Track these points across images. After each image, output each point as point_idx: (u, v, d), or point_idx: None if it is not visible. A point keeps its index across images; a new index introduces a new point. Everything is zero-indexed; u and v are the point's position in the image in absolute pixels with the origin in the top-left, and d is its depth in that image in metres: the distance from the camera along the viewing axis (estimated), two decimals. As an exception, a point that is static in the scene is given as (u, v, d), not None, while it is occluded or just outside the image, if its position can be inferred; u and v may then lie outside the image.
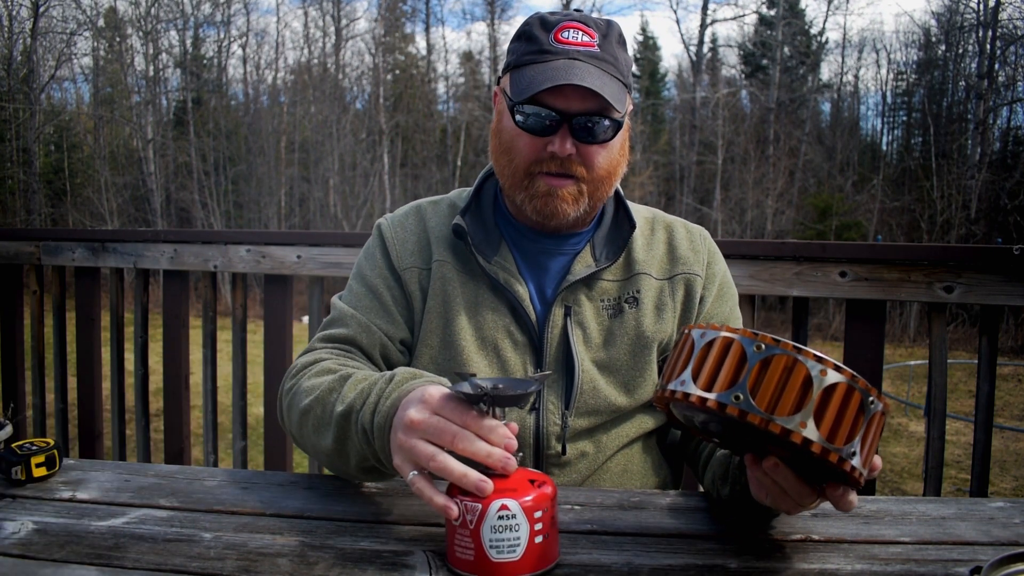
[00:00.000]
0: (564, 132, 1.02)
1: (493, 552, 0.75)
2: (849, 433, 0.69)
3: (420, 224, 1.18)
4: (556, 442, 1.09)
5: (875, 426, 0.71)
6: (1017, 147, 19.24)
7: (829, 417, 0.68)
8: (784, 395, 0.68)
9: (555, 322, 1.10)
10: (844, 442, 0.68)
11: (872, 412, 0.70)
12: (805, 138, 21.10)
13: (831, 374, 0.68)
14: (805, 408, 0.68)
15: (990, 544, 0.86)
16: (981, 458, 1.86)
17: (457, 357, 1.09)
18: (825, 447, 0.68)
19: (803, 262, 1.93)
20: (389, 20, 23.84)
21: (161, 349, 2.57)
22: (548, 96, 1.01)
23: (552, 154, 1.03)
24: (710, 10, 23.86)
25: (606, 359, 1.11)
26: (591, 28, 1.05)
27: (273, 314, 2.43)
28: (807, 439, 0.67)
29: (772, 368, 0.68)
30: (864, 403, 0.69)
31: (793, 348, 0.69)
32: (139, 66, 21.56)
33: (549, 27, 1.05)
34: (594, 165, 1.05)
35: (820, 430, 0.68)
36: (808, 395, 0.68)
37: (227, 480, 1.05)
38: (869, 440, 0.71)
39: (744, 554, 0.83)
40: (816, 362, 0.68)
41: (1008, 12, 18.94)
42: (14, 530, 0.87)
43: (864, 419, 0.69)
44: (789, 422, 0.67)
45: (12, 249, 2.70)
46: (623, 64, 1.06)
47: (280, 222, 20.96)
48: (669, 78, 25.46)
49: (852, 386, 0.68)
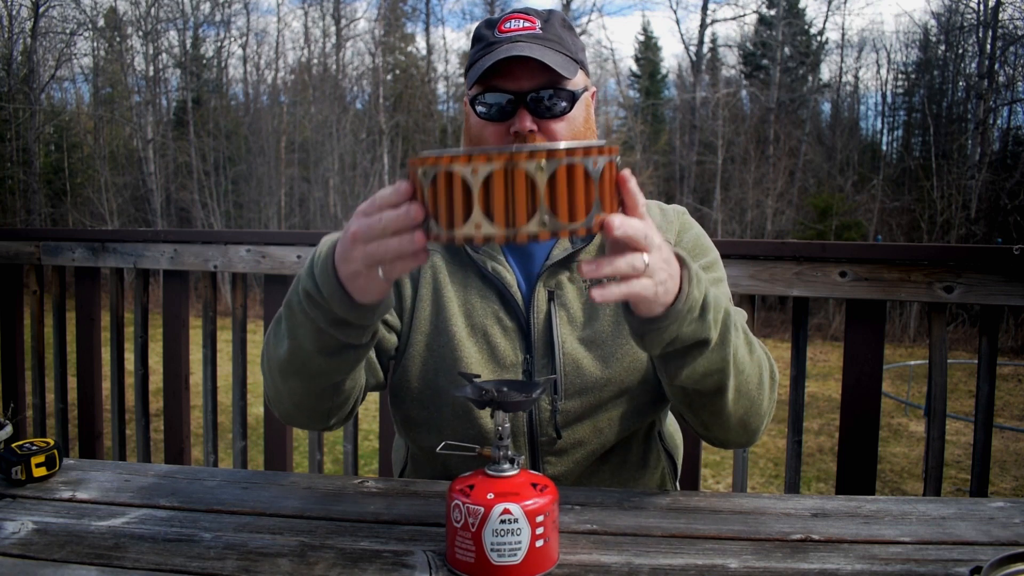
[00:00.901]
0: (522, 112, 1.06)
1: (494, 555, 0.75)
2: (587, 203, 0.70)
3: None
4: (550, 427, 1.10)
5: (607, 178, 0.72)
6: (1017, 147, 19.23)
7: (563, 201, 0.69)
8: (517, 204, 0.68)
9: (539, 306, 1.11)
10: (586, 213, 0.70)
11: (599, 173, 0.70)
12: (805, 138, 21.10)
13: (547, 164, 0.68)
14: (540, 206, 0.68)
15: (990, 544, 0.86)
16: (981, 458, 1.86)
17: (449, 343, 1.11)
18: (569, 228, 0.69)
19: (803, 262, 1.92)
20: (389, 20, 23.84)
21: (161, 349, 2.57)
22: (500, 81, 1.06)
23: (516, 134, 1.06)
24: (710, 10, 23.89)
25: (591, 335, 1.11)
26: (532, 16, 1.11)
27: (273, 314, 2.42)
28: (550, 231, 0.68)
29: (495, 182, 0.68)
30: (587, 170, 0.70)
31: (508, 157, 0.68)
32: (139, 66, 21.58)
33: (493, 24, 1.12)
34: (557, 139, 1.07)
35: (559, 218, 0.68)
36: (537, 192, 0.68)
37: (227, 480, 1.06)
38: (607, 195, 0.72)
39: (744, 554, 0.83)
40: (529, 159, 0.68)
41: (1008, 12, 18.95)
42: (14, 530, 0.87)
43: (594, 181, 0.70)
44: (529, 228, 0.68)
45: (12, 249, 2.70)
46: (568, 43, 1.10)
47: (280, 222, 20.95)
48: (669, 78, 25.47)
49: (571, 164, 0.69)
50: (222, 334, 2.61)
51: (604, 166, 0.71)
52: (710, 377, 0.92)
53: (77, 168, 21.70)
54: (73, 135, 22.33)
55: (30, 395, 2.80)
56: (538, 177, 0.67)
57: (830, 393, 9.04)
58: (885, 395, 7.81)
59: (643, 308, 0.81)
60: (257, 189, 20.94)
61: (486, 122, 1.09)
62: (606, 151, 0.71)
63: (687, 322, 0.84)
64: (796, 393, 2.01)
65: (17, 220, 19.28)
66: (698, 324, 0.85)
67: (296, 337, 0.92)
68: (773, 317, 15.00)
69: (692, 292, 0.83)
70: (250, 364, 2.56)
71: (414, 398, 1.13)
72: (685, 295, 0.82)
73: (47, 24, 19.93)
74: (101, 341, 2.71)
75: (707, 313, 0.86)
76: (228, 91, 23.37)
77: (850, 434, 1.92)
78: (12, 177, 19.62)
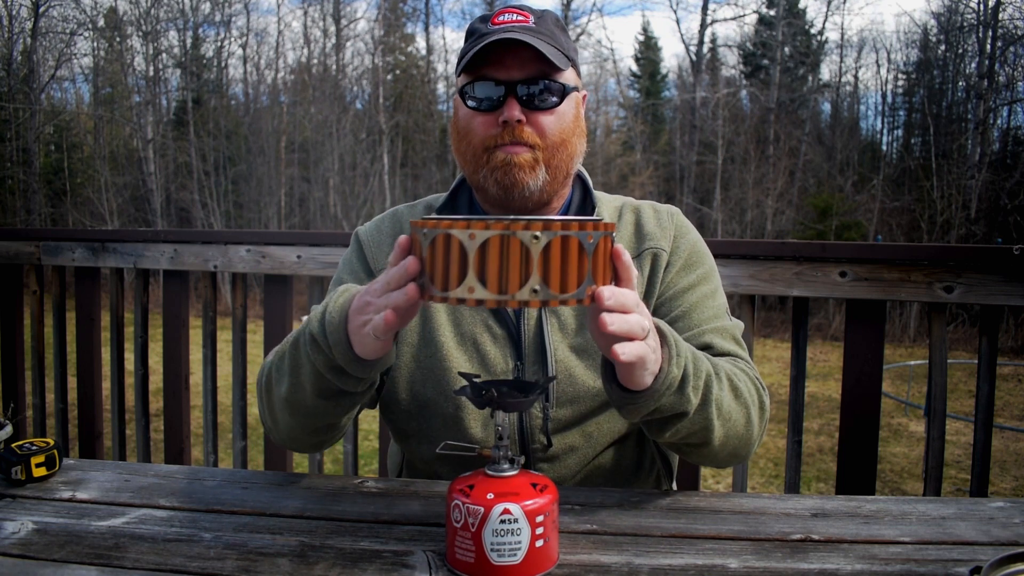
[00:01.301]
0: (511, 101, 1.06)
1: (494, 555, 0.75)
2: (579, 275, 0.71)
3: (396, 227, 1.21)
4: (541, 435, 1.09)
5: (601, 252, 0.73)
6: (1017, 147, 19.22)
7: (555, 272, 0.70)
8: (510, 272, 0.69)
9: (530, 313, 1.11)
10: (578, 285, 0.71)
11: (593, 247, 0.72)
12: (805, 138, 21.09)
13: (542, 235, 0.70)
14: (533, 275, 0.70)
15: (990, 544, 0.86)
16: (981, 458, 1.86)
17: (437, 353, 1.10)
18: (560, 299, 0.71)
19: (803, 262, 1.93)
20: (389, 20, 23.83)
21: (161, 349, 2.57)
22: (490, 70, 1.06)
23: (504, 123, 1.05)
24: (710, 10, 23.87)
25: (582, 343, 1.11)
26: (526, 11, 1.11)
27: (273, 314, 2.43)
28: (541, 301, 0.70)
29: (490, 249, 0.69)
30: (582, 243, 0.71)
31: (505, 226, 0.69)
32: (139, 66, 21.57)
33: (487, 19, 1.12)
34: (545, 132, 1.07)
35: (551, 288, 0.70)
36: (531, 261, 0.69)
37: (227, 480, 1.05)
38: (600, 269, 0.73)
39: (744, 554, 0.83)
40: (525, 229, 0.69)
41: (1008, 12, 18.94)
42: (14, 530, 0.87)
43: (588, 255, 0.72)
44: (520, 295, 0.70)
45: (12, 249, 2.70)
46: (561, 40, 1.10)
47: (280, 222, 20.95)
48: (669, 78, 25.46)
49: (566, 236, 0.70)
50: (222, 334, 2.61)
51: (599, 240, 0.72)
52: (694, 435, 0.94)
53: (77, 168, 21.69)
54: (73, 135, 22.32)
55: (30, 395, 2.80)
56: (533, 247, 0.69)
57: (830, 393, 9.04)
58: (885, 395, 7.81)
59: (636, 375, 0.82)
60: (257, 189, 20.94)
61: (475, 112, 1.08)
62: (601, 227, 0.72)
63: (665, 396, 0.86)
64: (796, 393, 2.01)
65: (17, 220, 19.27)
66: (676, 397, 0.88)
67: (297, 376, 0.94)
68: (773, 317, 15.00)
69: (671, 371, 0.85)
70: (250, 364, 2.56)
71: (403, 410, 1.13)
72: (664, 374, 0.85)
73: (47, 24, 19.93)
74: (101, 341, 2.71)
75: (686, 386, 0.88)
76: (228, 91, 23.38)
77: (850, 434, 1.92)
78: (12, 177, 19.61)
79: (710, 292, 1.14)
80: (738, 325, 1.14)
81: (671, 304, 1.12)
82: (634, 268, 0.78)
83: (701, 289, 1.13)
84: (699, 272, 1.14)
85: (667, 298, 1.12)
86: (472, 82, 1.07)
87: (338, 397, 0.94)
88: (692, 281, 1.13)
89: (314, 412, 0.97)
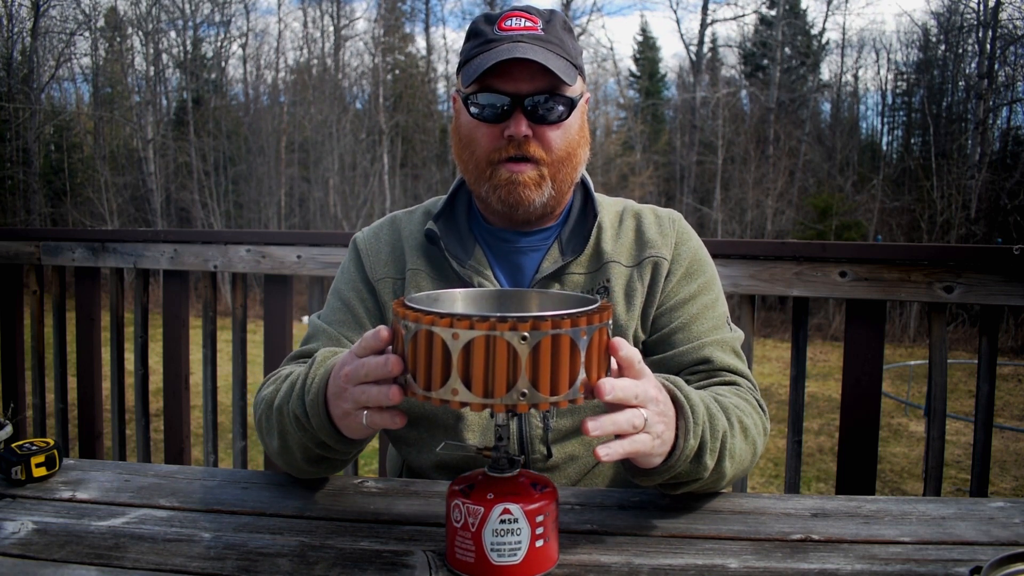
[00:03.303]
0: (518, 115, 1.03)
1: (494, 555, 0.75)
2: (571, 375, 0.68)
3: (394, 234, 1.19)
4: (541, 445, 1.09)
5: (595, 346, 0.69)
6: (1017, 147, 19.21)
7: (545, 374, 0.66)
8: (496, 375, 0.66)
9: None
10: (570, 385, 0.68)
11: (587, 343, 0.68)
12: (805, 138, 21.09)
13: (530, 335, 0.65)
14: (520, 378, 0.66)
15: (990, 544, 0.86)
16: (981, 458, 1.86)
17: None
18: (550, 401, 0.67)
19: (803, 262, 1.93)
20: (389, 20, 23.83)
21: (161, 349, 2.57)
22: (497, 81, 1.03)
23: (510, 138, 1.04)
24: (710, 10, 23.84)
25: None
26: (534, 15, 1.07)
27: (273, 314, 2.43)
28: (529, 404, 0.66)
29: (475, 351, 0.65)
30: (574, 341, 0.67)
31: (490, 325, 0.65)
32: (139, 66, 21.57)
33: (492, 20, 1.08)
34: (552, 146, 1.05)
35: (540, 391, 0.66)
36: (518, 364, 0.66)
37: (227, 480, 1.05)
38: (595, 363, 0.70)
39: (744, 554, 0.83)
40: (512, 330, 0.65)
41: (1008, 12, 18.93)
42: (14, 530, 0.87)
43: (581, 351, 0.68)
44: (508, 399, 0.66)
45: (12, 249, 2.70)
46: (569, 47, 1.08)
47: (280, 222, 20.95)
48: (669, 78, 25.46)
49: (556, 335, 0.66)
50: (222, 334, 2.61)
51: (593, 335, 0.68)
52: (706, 487, 0.95)
53: (77, 168, 21.69)
54: (73, 135, 22.31)
55: (30, 395, 2.80)
56: (520, 349, 0.65)
57: (830, 393, 9.04)
58: (885, 395, 7.81)
59: (641, 460, 0.83)
60: (257, 189, 20.94)
61: (479, 123, 1.06)
62: (595, 319, 0.68)
63: (681, 465, 0.86)
64: (796, 393, 2.01)
65: (17, 220, 19.27)
66: (694, 465, 0.87)
67: (284, 440, 0.95)
68: (773, 317, 15.00)
69: (688, 443, 0.84)
70: (250, 364, 2.56)
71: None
72: (679, 450, 0.84)
73: (47, 24, 19.93)
74: (101, 341, 2.71)
75: (703, 455, 0.87)
76: (228, 91, 23.37)
77: (850, 434, 1.92)
78: (12, 177, 19.60)
79: (710, 302, 1.13)
80: (738, 336, 1.13)
81: (671, 315, 1.11)
82: (635, 353, 0.75)
83: (701, 300, 1.12)
84: (700, 282, 1.14)
85: (667, 308, 1.12)
86: (478, 92, 1.04)
87: (326, 461, 0.96)
88: (693, 291, 1.13)
89: (307, 469, 0.99)
